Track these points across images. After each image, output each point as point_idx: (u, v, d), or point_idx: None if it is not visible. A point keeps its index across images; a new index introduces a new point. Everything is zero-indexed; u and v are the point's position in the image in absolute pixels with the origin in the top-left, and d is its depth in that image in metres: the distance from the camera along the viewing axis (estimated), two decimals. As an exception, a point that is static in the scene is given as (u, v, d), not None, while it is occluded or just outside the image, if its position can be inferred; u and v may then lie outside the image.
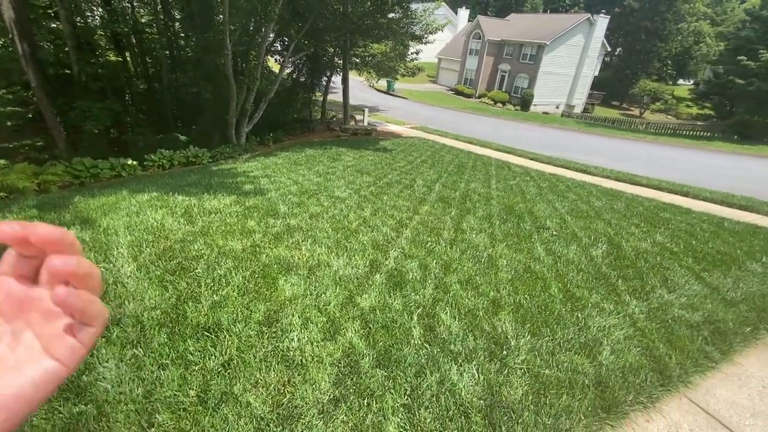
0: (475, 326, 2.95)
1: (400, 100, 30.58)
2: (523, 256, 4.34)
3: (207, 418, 1.99)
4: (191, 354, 2.39)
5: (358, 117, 17.65)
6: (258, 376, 2.29)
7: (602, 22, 32.34)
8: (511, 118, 27.50)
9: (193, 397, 2.11)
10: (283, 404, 2.12)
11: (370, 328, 2.80)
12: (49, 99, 13.98)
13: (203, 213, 4.73)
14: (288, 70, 18.70)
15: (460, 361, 2.57)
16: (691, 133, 25.12)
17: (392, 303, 3.12)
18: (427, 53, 23.56)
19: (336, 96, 22.41)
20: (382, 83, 31.85)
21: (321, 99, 19.66)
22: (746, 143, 22.35)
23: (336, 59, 17.56)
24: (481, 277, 3.73)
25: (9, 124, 13.23)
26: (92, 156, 9.49)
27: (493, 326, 2.97)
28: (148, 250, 3.65)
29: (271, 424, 1.98)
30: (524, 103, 33.45)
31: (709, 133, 24.88)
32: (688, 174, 13.07)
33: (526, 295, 3.46)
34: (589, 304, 3.47)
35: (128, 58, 18.49)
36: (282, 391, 2.21)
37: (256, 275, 3.33)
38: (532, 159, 12.96)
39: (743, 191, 9.84)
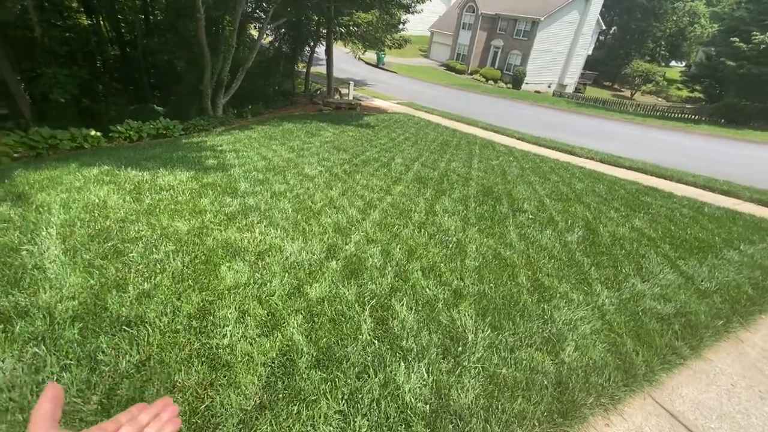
0: (432, 319, 2.72)
1: (389, 75, 29.65)
2: (495, 242, 4.11)
3: (106, 429, 1.73)
4: (103, 353, 2.10)
5: (344, 91, 16.97)
6: (176, 378, 2.02)
7: (599, -2, 31.47)
8: (503, 96, 26.95)
9: (94, 404, 1.84)
10: (199, 412, 1.87)
11: (314, 321, 2.55)
12: (12, 63, 13.02)
13: (154, 190, 4.36)
14: (269, 39, 17.76)
15: (409, 359, 2.34)
16: (680, 116, 24.99)
17: (345, 293, 2.86)
18: (419, 25, 22.65)
19: (322, 68, 21.52)
20: (371, 56, 30.78)
21: (304, 71, 18.82)
22: (732, 127, 22.33)
23: (320, 29, 16.68)
24: (446, 264, 3.49)
25: (-35, 89, 12.31)
26: (61, 126, 8.85)
27: (452, 319, 2.75)
28: (81, 230, 3.30)
29: (180, 438, 1.73)
30: (516, 81, 32.81)
31: (696, 117, 24.78)
32: (674, 156, 12.96)
33: (491, 285, 3.23)
34: (558, 294, 3.27)
35: (101, 22, 17.28)
36: (201, 396, 1.95)
37: (197, 261, 3.03)
38: (518, 139, 12.65)
39: (726, 176, 9.75)
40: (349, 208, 4.52)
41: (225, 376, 2.08)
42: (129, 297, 2.54)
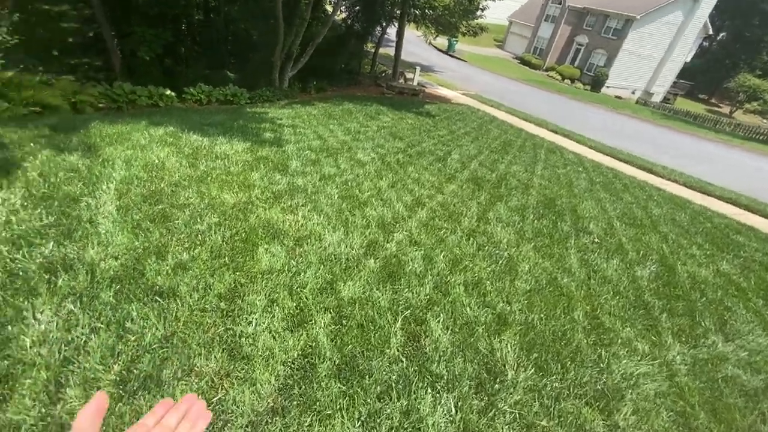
0: (469, 345, 2.45)
1: (459, 63, 28.55)
2: (551, 264, 3.70)
3: (119, 404, 1.70)
4: (131, 321, 2.10)
5: (409, 75, 16.55)
6: (195, 362, 1.96)
7: (710, -2, 27.74)
8: (578, 98, 24.95)
9: (114, 374, 1.82)
10: (211, 404, 1.79)
11: (342, 324, 2.39)
12: (109, 20, 14.10)
13: (210, 157, 4.42)
14: (342, 15, 17.68)
15: (438, 387, 2.11)
16: (790, 143, 21.63)
17: (378, 298, 2.67)
18: (496, 13, 21.41)
19: (390, 50, 21.17)
20: (442, 41, 29.77)
21: (372, 51, 18.59)
22: None
23: (395, 9, 16.26)
24: (492, 282, 3.17)
25: (70, 40, 13.49)
26: (145, 83, 9.45)
27: (492, 348, 2.46)
28: (137, 189, 3.39)
29: (186, 430, 1.65)
30: (596, 82, 30.23)
31: (812, 147, 21.28)
32: (776, 191, 11.19)
33: (541, 315, 2.88)
34: (619, 340, 2.84)
35: (189, -16, 18.13)
36: (216, 385, 1.87)
37: (237, 238, 2.98)
38: (590, 147, 11.59)
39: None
40: (397, 202, 4.30)
41: (243, 369, 1.99)
42: (167, 266, 2.54)
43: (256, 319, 2.29)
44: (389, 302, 2.65)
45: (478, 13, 16.20)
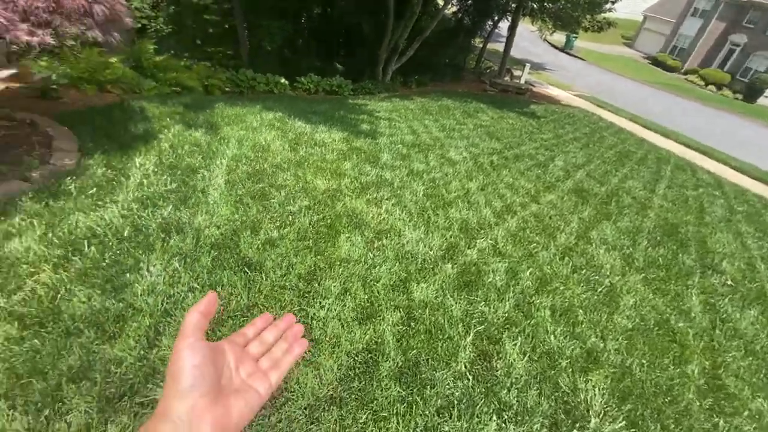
0: (548, 378, 2.18)
1: (576, 61, 25.99)
2: (664, 302, 3.12)
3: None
4: (221, 287, 2.31)
5: (516, 72, 15.57)
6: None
7: None
8: (726, 108, 20.85)
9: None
10: (277, 379, 1.87)
11: (410, 326, 2.31)
12: (243, 14, 15.92)
13: (309, 144, 4.68)
14: (452, 9, 17.31)
15: (504, 417, 1.92)
16: None
17: (452, 306, 2.53)
18: (629, 7, 18.88)
19: (499, 45, 20.16)
20: (559, 38, 27.37)
21: (480, 46, 17.89)
22: None
23: (510, 2, 15.36)
24: (586, 311, 2.78)
25: (210, 31, 15.55)
26: (265, 71, 10.53)
27: (574, 387, 2.16)
28: (243, 167, 3.74)
29: (252, 398, 1.74)
30: (751, 91, 24.93)
31: None
32: None
33: (643, 361, 2.44)
34: (746, 411, 2.27)
35: (311, -21, 19.51)
36: (283, 363, 1.95)
37: (322, 223, 3.10)
38: (734, 168, 9.59)
39: None
40: (485, 207, 4.05)
41: (309, 351, 2.04)
42: (258, 241, 2.75)
43: (328, 304, 2.34)
44: (462, 313, 2.50)
45: (608, 6, 14.41)
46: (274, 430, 1.67)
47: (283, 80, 10.15)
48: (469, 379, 2.07)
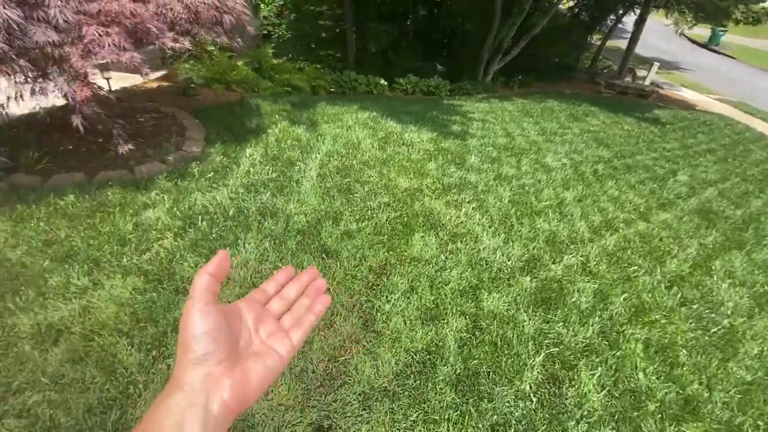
0: (629, 419, 1.90)
1: (722, 59, 21.74)
2: (812, 360, 2.47)
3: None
4: (301, 269, 2.51)
5: (641, 73, 13.67)
6: (335, 319, 2.21)
7: None
8: None
9: (279, 308, 2.23)
10: (338, 362, 1.98)
11: (475, 335, 2.23)
12: (352, 18, 16.93)
13: (397, 143, 4.79)
14: (568, 4, 15.94)
15: (569, 451, 1.74)
16: None
17: (524, 322, 2.37)
18: (810, -12, 15.08)
19: (621, 42, 17.93)
20: (701, 32, 23.15)
21: (598, 43, 16.14)
22: None
23: (640, -8, 13.49)
24: (692, 353, 2.35)
25: (323, 35, 16.87)
26: (369, 72, 11.11)
27: (663, 438, 1.85)
28: (334, 162, 4.00)
29: (314, 382, 1.88)
30: None
31: None
32: None
33: (759, 422, 1.97)
34: None
35: (421, -18, 19.80)
36: (344, 349, 2.06)
37: (398, 221, 3.16)
38: None
39: None
40: (579, 220, 3.67)
41: (371, 342, 2.12)
42: (338, 231, 2.92)
43: (394, 300, 2.39)
44: (535, 331, 2.32)
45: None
46: (328, 409, 1.78)
47: (382, 81, 10.53)
48: (532, 401, 1.92)
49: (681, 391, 2.07)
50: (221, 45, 3.89)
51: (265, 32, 15.73)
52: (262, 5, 15.99)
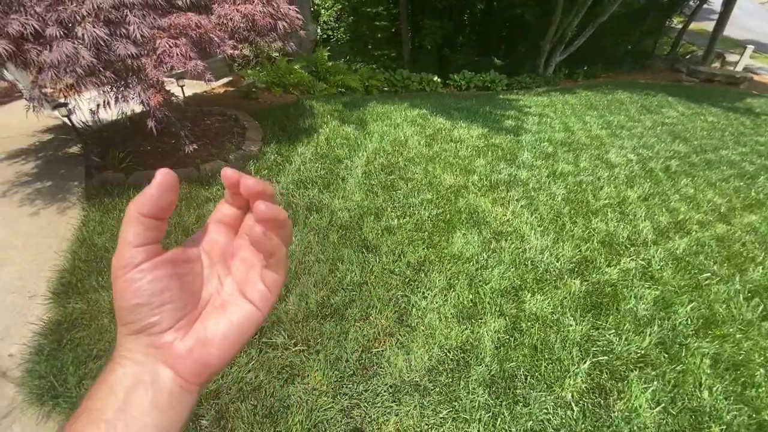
0: (688, 441, 1.71)
1: None
2: None
3: (310, 326, 2.17)
4: (342, 262, 2.60)
5: (731, 57, 12.06)
6: (371, 311, 2.25)
7: None
8: None
9: (318, 297, 2.33)
10: (371, 353, 2.03)
11: (514, 337, 2.15)
12: (408, 16, 16.94)
13: (445, 140, 4.73)
14: (645, -16, 14.51)
15: (611, 467, 1.61)
16: None
17: (570, 326, 2.23)
18: None
19: (708, 24, 15.91)
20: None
21: (680, 27, 14.49)
22: None
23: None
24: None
25: (379, 36, 17.10)
26: (424, 70, 11.09)
27: (729, 465, 1.64)
28: (380, 159, 4.06)
29: (347, 370, 1.94)
30: None
31: None
32: None
33: None
34: None
35: (480, -24, 19.25)
36: (379, 341, 2.10)
37: (440, 218, 3.13)
38: None
39: None
40: (643, 220, 3.35)
41: (405, 336, 2.13)
42: (379, 226, 2.98)
43: (431, 296, 2.38)
44: (582, 337, 2.17)
45: None
46: (359, 398, 1.83)
47: (435, 78, 10.43)
48: (573, 410, 1.81)
49: (754, 415, 1.81)
50: (282, 51, 4.12)
51: (325, 36, 16.32)
52: (322, 11, 16.61)
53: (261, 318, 0.33)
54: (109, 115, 3.41)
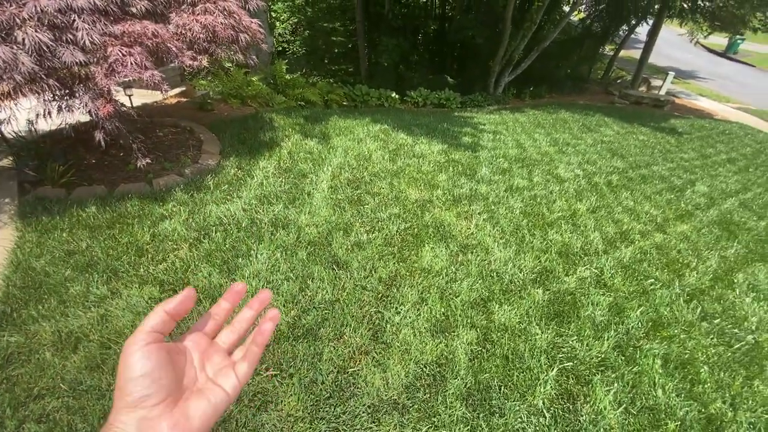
0: (648, 438, 1.84)
1: (741, 67, 21.35)
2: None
3: (282, 349, 2.09)
4: (312, 280, 2.54)
5: (656, 82, 13.53)
6: (345, 330, 2.21)
7: None
8: None
9: (289, 318, 2.25)
10: (347, 373, 1.98)
11: (486, 349, 2.20)
12: (364, 33, 17.28)
13: (408, 155, 4.83)
14: (581, 14, 15.97)
15: (584, 470, 1.68)
16: None
17: (536, 335, 2.33)
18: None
19: (635, 52, 17.80)
20: (716, 40, 22.84)
21: (611, 54, 16.07)
22: None
23: (653, 3, 13.43)
24: (714, 370, 2.26)
25: (336, 51, 17.22)
26: (380, 86, 11.28)
27: (684, 458, 1.78)
28: (345, 174, 4.05)
29: (323, 393, 1.88)
30: None
31: None
32: None
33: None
34: None
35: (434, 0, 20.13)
36: (354, 360, 2.06)
37: (409, 232, 3.16)
38: None
39: None
40: (593, 231, 3.61)
41: (380, 353, 2.11)
42: (348, 242, 2.95)
43: (404, 311, 2.38)
44: (548, 344, 2.28)
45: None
46: (338, 421, 1.77)
47: (393, 94, 10.66)
48: (545, 417, 1.87)
49: (703, 410, 1.99)
50: (237, 62, 4.02)
51: (280, 49, 16.14)
52: (277, 23, 16.44)
53: (228, 402, 0.40)
54: (48, 125, 3.12)
